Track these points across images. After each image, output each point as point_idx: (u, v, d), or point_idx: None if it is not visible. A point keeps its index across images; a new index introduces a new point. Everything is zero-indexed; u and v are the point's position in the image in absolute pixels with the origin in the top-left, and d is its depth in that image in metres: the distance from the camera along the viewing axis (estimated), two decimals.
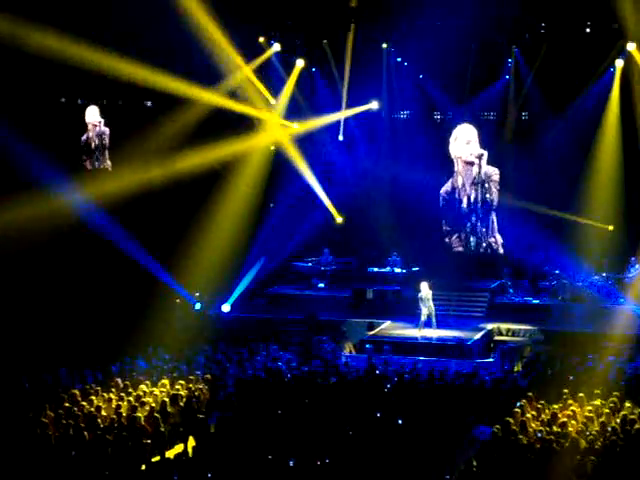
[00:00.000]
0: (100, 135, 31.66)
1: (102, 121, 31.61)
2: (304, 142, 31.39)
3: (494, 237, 31.08)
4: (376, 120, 31.87)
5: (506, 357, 24.34)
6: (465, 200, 31.40)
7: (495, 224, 31.06)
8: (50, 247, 26.12)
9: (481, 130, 30.76)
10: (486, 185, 30.99)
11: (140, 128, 28.25)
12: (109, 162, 31.43)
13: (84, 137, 31.89)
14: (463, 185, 31.43)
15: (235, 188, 29.79)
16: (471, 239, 31.40)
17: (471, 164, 30.97)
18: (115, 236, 27.39)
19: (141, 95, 30.21)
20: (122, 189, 27.41)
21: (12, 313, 25.17)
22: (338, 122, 31.57)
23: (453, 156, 31.18)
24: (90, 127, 31.82)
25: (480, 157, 30.79)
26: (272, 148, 31.19)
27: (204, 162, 28.69)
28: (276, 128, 30.80)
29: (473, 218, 31.44)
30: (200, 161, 28.58)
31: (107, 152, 31.53)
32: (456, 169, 31.27)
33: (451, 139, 31.14)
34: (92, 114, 31.89)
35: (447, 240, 31.55)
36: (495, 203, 30.97)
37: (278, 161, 31.09)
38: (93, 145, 31.79)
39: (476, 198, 31.22)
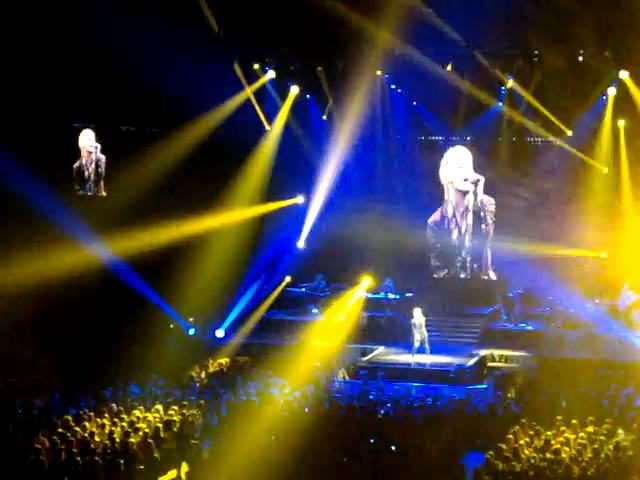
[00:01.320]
0: (95, 162, 30.32)
1: (98, 147, 30.47)
2: (298, 169, 31.52)
3: (487, 274, 30.50)
4: (370, 146, 31.92)
5: (499, 383, 24.32)
6: (456, 232, 30.31)
7: (489, 259, 30.30)
8: (43, 272, 26.06)
9: (474, 157, 30.67)
10: (481, 215, 30.13)
11: (135, 153, 28.17)
12: (104, 193, 30.44)
13: (76, 164, 30.58)
14: (454, 215, 30.29)
15: (229, 213, 29.82)
16: (461, 276, 30.64)
17: (464, 192, 30.34)
18: (108, 261, 27.36)
19: (138, 119, 30.09)
20: (116, 214, 27.44)
21: (6, 336, 25.15)
22: (332, 148, 31.66)
23: (443, 182, 30.46)
24: (84, 153, 30.47)
25: (476, 183, 29.97)
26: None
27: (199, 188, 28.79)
28: None
29: (464, 253, 30.51)
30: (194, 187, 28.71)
31: (102, 182, 30.30)
32: (446, 197, 30.53)
33: (442, 162, 30.43)
34: (87, 138, 30.57)
35: (435, 276, 30.78)
36: (490, 236, 30.08)
37: (273, 188, 31.21)
38: (87, 173, 30.37)
39: (468, 230, 30.13)
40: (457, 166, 30.37)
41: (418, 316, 26.18)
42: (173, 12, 26.20)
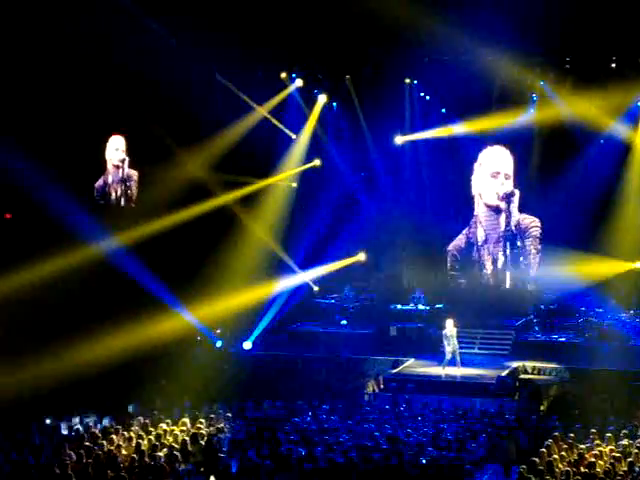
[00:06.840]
0: (123, 181, 28.75)
1: (127, 159, 29.17)
2: (326, 177, 31.39)
3: (524, 286, 29.20)
4: (399, 155, 31.69)
5: (532, 396, 23.97)
6: (489, 264, 28.19)
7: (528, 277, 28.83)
8: (69, 284, 25.96)
9: None
10: (519, 243, 28.20)
11: (163, 163, 28.00)
12: (132, 204, 29.13)
13: (100, 182, 29.03)
14: (485, 241, 28.17)
15: (256, 225, 29.70)
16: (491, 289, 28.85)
17: (495, 208, 28.74)
18: (136, 273, 27.21)
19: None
20: (143, 226, 27.33)
21: (34, 350, 25.04)
22: (360, 157, 31.50)
23: (474, 192, 28.97)
24: (110, 168, 28.97)
25: (508, 198, 27.96)
26: (294, 185, 31.15)
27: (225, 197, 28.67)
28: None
29: (499, 286, 27.88)
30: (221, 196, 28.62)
31: (130, 196, 28.93)
32: (475, 212, 28.90)
33: (475, 166, 28.84)
34: (115, 147, 29.11)
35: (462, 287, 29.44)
36: (534, 271, 28.49)
37: (299, 197, 31.09)
38: (114, 195, 28.59)
39: (506, 262, 27.60)
40: (489, 173, 29.33)
41: (450, 327, 25.84)
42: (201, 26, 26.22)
